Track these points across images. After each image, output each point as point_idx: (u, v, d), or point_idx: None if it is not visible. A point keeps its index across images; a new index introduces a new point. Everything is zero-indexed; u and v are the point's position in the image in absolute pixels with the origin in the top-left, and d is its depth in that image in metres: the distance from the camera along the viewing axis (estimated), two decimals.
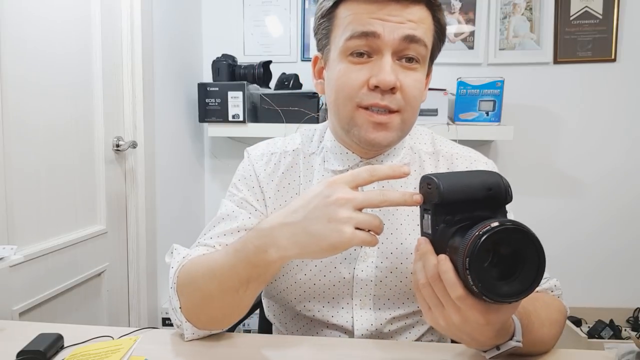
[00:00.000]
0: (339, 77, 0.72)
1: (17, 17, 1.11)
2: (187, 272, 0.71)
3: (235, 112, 1.91)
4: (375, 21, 0.68)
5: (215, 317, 0.71)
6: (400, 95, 0.70)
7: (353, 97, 0.71)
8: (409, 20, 0.68)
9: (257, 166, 0.85)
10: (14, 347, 0.67)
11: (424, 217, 0.55)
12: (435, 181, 0.51)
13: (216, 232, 0.80)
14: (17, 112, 1.11)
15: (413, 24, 0.69)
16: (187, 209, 2.07)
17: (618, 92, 2.02)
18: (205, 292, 0.68)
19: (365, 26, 0.68)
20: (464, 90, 1.84)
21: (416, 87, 0.72)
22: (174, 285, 0.71)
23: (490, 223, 0.47)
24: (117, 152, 1.53)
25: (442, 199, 0.51)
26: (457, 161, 0.84)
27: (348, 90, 0.71)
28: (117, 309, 1.59)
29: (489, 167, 0.84)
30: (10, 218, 1.10)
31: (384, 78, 0.68)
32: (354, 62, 0.70)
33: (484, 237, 0.46)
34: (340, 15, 0.72)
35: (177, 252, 0.76)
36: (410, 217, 0.80)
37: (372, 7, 0.68)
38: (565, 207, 2.09)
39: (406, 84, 0.70)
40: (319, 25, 0.76)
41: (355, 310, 0.80)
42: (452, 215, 0.51)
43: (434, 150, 0.85)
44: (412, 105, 0.73)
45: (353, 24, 0.69)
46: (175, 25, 1.91)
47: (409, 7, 0.69)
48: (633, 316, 1.97)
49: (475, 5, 2.05)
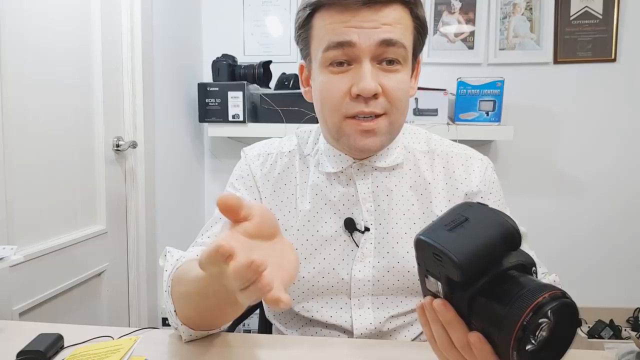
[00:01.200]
0: (322, 89, 0.72)
1: (17, 18, 1.11)
2: (178, 277, 0.70)
3: (235, 112, 1.91)
4: (350, 29, 0.67)
5: (204, 322, 0.70)
6: (385, 99, 0.70)
7: (338, 108, 0.71)
8: (383, 24, 0.68)
9: (253, 166, 0.85)
10: (14, 347, 0.67)
11: (428, 278, 0.47)
12: (449, 255, 0.42)
13: (213, 231, 0.80)
14: (18, 112, 1.12)
15: (389, 27, 0.68)
16: (187, 209, 2.07)
17: (618, 92, 2.02)
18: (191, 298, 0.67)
19: (340, 36, 0.68)
20: (464, 90, 1.84)
21: (399, 89, 0.72)
22: (168, 289, 0.71)
23: (545, 293, 0.40)
24: (117, 152, 1.53)
25: (464, 277, 0.42)
26: (453, 159, 0.84)
27: (332, 101, 0.71)
28: (117, 309, 1.59)
29: (484, 164, 0.85)
30: (10, 218, 1.10)
31: (364, 87, 0.68)
32: (334, 72, 0.71)
33: (546, 312, 0.39)
34: (316, 26, 0.72)
35: (170, 254, 0.76)
36: (407, 216, 0.80)
37: (345, 16, 0.67)
38: (565, 206, 2.09)
39: (389, 86, 0.70)
40: (298, 35, 0.76)
41: (354, 310, 0.80)
42: (472, 281, 0.43)
43: (428, 149, 0.85)
44: (398, 106, 0.73)
45: (328, 34, 0.69)
46: (175, 25, 1.91)
47: (382, 10, 0.68)
48: (633, 316, 1.97)
49: (475, 5, 2.05)
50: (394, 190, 0.81)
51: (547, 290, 0.40)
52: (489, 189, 0.83)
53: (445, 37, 2.08)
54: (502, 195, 0.85)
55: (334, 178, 0.82)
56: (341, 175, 0.81)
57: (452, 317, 0.46)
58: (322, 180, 0.82)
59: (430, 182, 0.82)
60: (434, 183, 0.82)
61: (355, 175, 0.81)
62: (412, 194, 0.81)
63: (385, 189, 0.81)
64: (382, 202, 0.80)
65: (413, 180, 0.82)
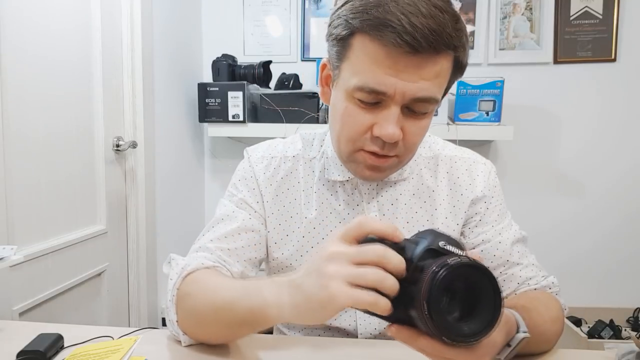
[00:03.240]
0: (343, 115, 0.69)
1: (17, 18, 1.11)
2: (187, 290, 0.69)
3: (235, 112, 1.91)
4: (388, 79, 0.63)
5: (209, 339, 0.70)
6: (402, 143, 0.69)
7: (355, 141, 0.70)
8: (422, 79, 0.63)
9: (256, 169, 0.84)
10: (14, 347, 0.67)
11: None
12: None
13: (216, 234, 0.79)
14: (18, 113, 1.11)
15: (427, 84, 0.63)
16: (187, 209, 2.07)
17: (618, 92, 2.02)
18: (201, 316, 0.67)
19: (376, 85, 0.63)
20: (464, 90, 1.84)
21: (420, 135, 0.70)
22: (173, 299, 0.70)
23: (446, 259, 0.44)
24: (117, 152, 1.53)
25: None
26: (457, 164, 0.84)
27: (351, 133, 0.69)
28: (117, 309, 1.59)
29: (488, 168, 0.84)
30: (10, 218, 1.10)
31: (387, 133, 0.65)
32: (360, 107, 0.67)
33: (443, 275, 0.43)
34: (355, 48, 0.65)
35: (175, 262, 0.75)
36: (411, 224, 0.81)
37: (388, 60, 0.62)
38: (565, 206, 2.09)
39: (411, 132, 0.68)
40: (332, 43, 0.70)
41: (358, 314, 0.80)
42: None
43: (432, 155, 0.84)
44: (412, 150, 0.72)
45: (365, 75, 0.64)
46: (175, 25, 1.91)
47: (426, 63, 0.62)
48: (633, 316, 1.97)
49: (475, 5, 2.05)
50: (398, 198, 0.81)
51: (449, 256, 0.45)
52: (492, 193, 0.83)
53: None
54: (503, 200, 0.85)
55: (340, 186, 0.81)
56: (346, 183, 0.81)
57: (408, 334, 0.47)
58: (327, 188, 0.82)
59: (434, 189, 0.81)
60: (437, 190, 0.81)
61: (361, 185, 0.80)
62: (415, 202, 0.81)
63: (390, 197, 0.81)
64: (387, 210, 0.80)
65: (416, 188, 0.82)
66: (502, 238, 0.79)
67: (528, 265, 0.79)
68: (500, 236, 0.79)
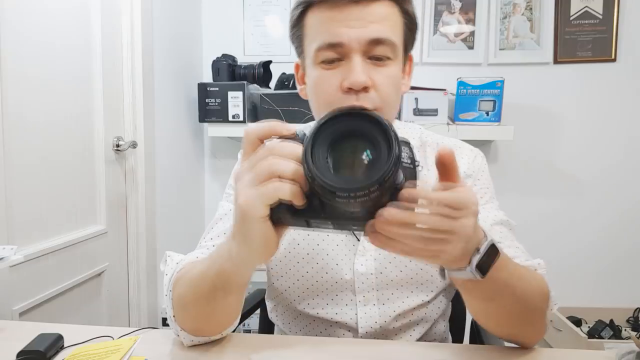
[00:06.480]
0: (315, 85, 0.74)
1: (17, 18, 1.11)
2: (176, 280, 0.70)
3: (235, 112, 1.91)
4: (339, 29, 0.69)
5: (195, 325, 0.70)
6: (376, 93, 0.71)
7: (331, 103, 0.71)
8: (371, 22, 0.69)
9: None
10: (14, 347, 0.67)
11: None
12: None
13: (214, 233, 0.81)
14: (17, 112, 1.11)
15: (376, 25, 0.69)
16: (187, 209, 2.07)
17: (618, 92, 2.02)
18: (184, 299, 0.68)
19: (330, 37, 0.69)
20: (464, 90, 1.84)
21: (390, 84, 0.72)
22: (169, 294, 0.70)
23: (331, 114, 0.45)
24: (117, 152, 1.53)
25: None
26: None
27: (325, 96, 0.72)
28: (117, 309, 1.59)
29: (474, 153, 0.87)
30: (10, 218, 1.10)
31: (354, 79, 0.68)
32: (326, 68, 0.72)
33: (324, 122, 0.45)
34: (308, 24, 0.74)
35: (170, 259, 0.76)
36: None
37: (335, 13, 0.69)
38: (565, 206, 2.09)
39: (379, 81, 0.71)
40: (292, 34, 0.79)
41: (359, 307, 0.80)
42: None
43: (421, 143, 0.87)
44: (389, 102, 0.73)
45: (320, 34, 0.71)
46: (175, 25, 1.91)
47: (369, 7, 0.69)
48: (633, 316, 1.97)
49: (475, 5, 2.05)
50: None
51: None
52: (478, 174, 0.84)
53: (445, 37, 2.08)
54: (491, 186, 0.85)
55: None
56: None
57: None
58: None
59: (425, 173, 0.83)
60: (428, 174, 0.83)
61: None
62: None
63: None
64: None
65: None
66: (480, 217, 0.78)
67: (511, 247, 0.77)
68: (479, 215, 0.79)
